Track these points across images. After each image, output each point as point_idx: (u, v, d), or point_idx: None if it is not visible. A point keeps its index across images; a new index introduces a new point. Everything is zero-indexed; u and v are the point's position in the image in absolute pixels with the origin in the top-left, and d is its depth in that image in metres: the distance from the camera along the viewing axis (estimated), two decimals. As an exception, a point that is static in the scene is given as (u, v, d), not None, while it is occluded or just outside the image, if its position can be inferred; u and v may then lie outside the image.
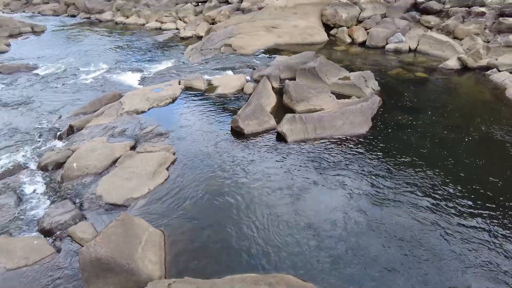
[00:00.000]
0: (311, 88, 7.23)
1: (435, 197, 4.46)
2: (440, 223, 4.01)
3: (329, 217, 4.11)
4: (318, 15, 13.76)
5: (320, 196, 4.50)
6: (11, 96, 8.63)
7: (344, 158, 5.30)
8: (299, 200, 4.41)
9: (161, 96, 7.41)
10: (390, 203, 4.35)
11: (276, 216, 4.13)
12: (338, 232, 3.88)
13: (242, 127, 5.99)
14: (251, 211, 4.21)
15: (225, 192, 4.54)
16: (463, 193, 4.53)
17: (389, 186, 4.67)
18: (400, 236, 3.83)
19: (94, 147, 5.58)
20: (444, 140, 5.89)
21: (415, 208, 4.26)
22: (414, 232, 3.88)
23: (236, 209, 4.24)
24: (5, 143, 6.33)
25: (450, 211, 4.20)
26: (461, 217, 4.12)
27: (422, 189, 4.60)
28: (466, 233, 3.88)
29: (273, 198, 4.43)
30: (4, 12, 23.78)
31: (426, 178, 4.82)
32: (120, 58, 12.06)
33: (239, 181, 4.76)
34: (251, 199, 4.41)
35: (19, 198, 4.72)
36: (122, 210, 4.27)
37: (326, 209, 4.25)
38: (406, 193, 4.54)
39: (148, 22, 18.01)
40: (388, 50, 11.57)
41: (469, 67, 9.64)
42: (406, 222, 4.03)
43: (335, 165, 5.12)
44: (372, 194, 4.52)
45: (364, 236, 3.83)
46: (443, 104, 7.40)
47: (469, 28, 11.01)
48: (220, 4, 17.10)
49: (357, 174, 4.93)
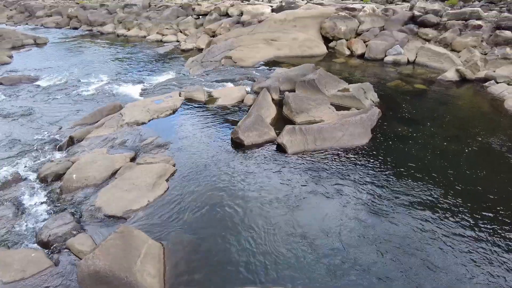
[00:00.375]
0: (311, 99, 7.27)
1: (435, 208, 4.43)
2: (440, 235, 3.98)
3: (328, 230, 4.08)
4: (317, 28, 13.94)
5: (320, 208, 4.48)
6: (12, 107, 8.67)
7: (345, 170, 5.29)
8: (299, 212, 4.39)
9: (161, 107, 7.45)
10: (390, 215, 4.32)
11: (275, 228, 4.10)
12: (337, 245, 3.85)
13: (242, 139, 6.00)
14: (251, 224, 4.18)
15: (225, 204, 4.52)
16: (462, 205, 4.51)
17: (390, 198, 4.65)
18: (400, 248, 3.80)
19: (94, 158, 5.57)
20: (443, 151, 5.90)
21: (415, 220, 4.23)
22: (415, 244, 3.84)
23: (236, 222, 4.21)
24: (5, 154, 6.33)
25: (449, 223, 4.17)
26: (461, 228, 4.09)
27: (422, 201, 4.58)
28: (465, 245, 3.84)
29: (273, 210, 4.41)
30: (7, 24, 24.07)
31: (426, 190, 4.81)
32: (121, 69, 12.17)
33: (239, 193, 4.74)
34: (251, 211, 4.38)
35: (17, 210, 4.69)
36: (121, 222, 4.24)
37: (326, 221, 4.22)
38: (406, 204, 4.52)
39: (149, 34, 18.23)
40: (387, 62, 11.68)
41: (467, 78, 9.72)
42: (407, 233, 4.00)
43: (336, 177, 5.11)
44: (372, 205, 4.49)
45: (363, 248, 3.80)
46: (442, 115, 7.44)
47: (467, 40, 11.14)
48: (220, 17, 17.34)
49: (358, 186, 4.91)
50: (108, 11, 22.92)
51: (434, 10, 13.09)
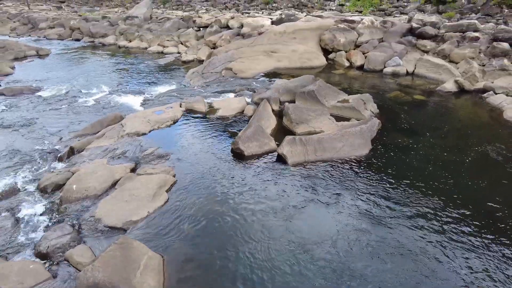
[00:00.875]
0: (311, 110, 7.31)
1: (435, 219, 4.41)
2: (440, 246, 3.95)
3: (329, 242, 4.05)
4: (316, 40, 14.10)
5: (321, 220, 4.45)
6: (13, 117, 8.70)
7: (346, 181, 5.28)
8: (300, 224, 4.36)
9: (162, 118, 7.48)
10: (391, 226, 4.30)
11: (275, 240, 4.07)
12: (338, 257, 3.82)
13: (242, 149, 6.01)
14: (251, 235, 4.15)
15: (225, 216, 4.49)
16: (463, 215, 4.49)
17: (391, 209, 4.63)
18: (402, 258, 3.77)
19: (94, 169, 5.57)
20: (444, 161, 5.90)
21: (416, 230, 4.21)
22: (415, 255, 3.81)
23: (236, 233, 4.19)
24: (5, 164, 6.32)
25: (450, 233, 4.15)
26: (461, 239, 4.07)
27: (423, 212, 4.56)
28: (466, 255, 3.82)
29: (273, 222, 4.38)
30: (10, 36, 24.32)
31: (427, 201, 4.79)
32: (122, 80, 12.26)
33: (239, 204, 4.73)
34: (251, 223, 4.36)
35: (16, 221, 4.66)
36: (121, 233, 4.21)
37: (327, 234, 4.20)
38: (407, 215, 4.49)
39: (151, 46, 18.42)
40: (386, 73, 11.78)
41: (466, 89, 9.80)
42: (408, 244, 3.98)
43: (337, 188, 5.09)
44: (373, 217, 4.47)
45: (363, 259, 3.76)
46: (441, 126, 7.46)
47: (464, 52, 11.27)
48: (221, 30, 17.55)
49: (360, 197, 4.90)
50: (110, 23, 23.20)
51: (432, 22, 13.27)
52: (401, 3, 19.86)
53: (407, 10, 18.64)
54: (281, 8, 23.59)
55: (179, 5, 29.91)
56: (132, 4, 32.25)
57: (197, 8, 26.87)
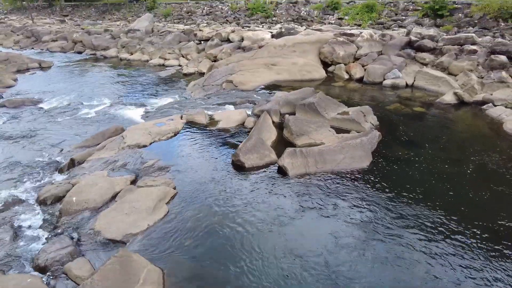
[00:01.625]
0: (311, 122, 7.34)
1: (436, 232, 4.38)
2: (440, 258, 3.91)
3: (331, 256, 4.01)
4: (316, 53, 14.26)
5: (323, 233, 4.42)
6: (14, 129, 8.73)
7: (347, 193, 5.26)
8: (301, 237, 4.33)
9: (163, 130, 7.50)
10: (392, 239, 4.26)
11: (276, 253, 4.03)
12: (339, 270, 3.77)
13: (243, 161, 6.00)
14: (252, 249, 4.11)
15: (225, 229, 4.46)
16: (463, 227, 4.46)
17: (392, 222, 4.60)
18: (402, 270, 3.72)
19: (94, 181, 5.55)
20: (444, 173, 5.89)
21: (416, 243, 4.17)
22: (414, 268, 3.77)
23: (236, 246, 4.15)
24: (5, 176, 6.31)
25: (450, 245, 4.11)
26: (462, 252, 4.02)
27: (424, 225, 4.53)
28: (467, 269, 3.77)
29: (274, 235, 4.35)
30: (14, 49, 24.60)
31: (428, 213, 4.76)
32: (124, 93, 12.34)
33: (240, 217, 4.70)
34: (252, 236, 4.32)
35: (15, 233, 4.63)
36: (120, 246, 4.18)
37: (329, 248, 4.16)
38: (408, 228, 4.46)
39: (152, 58, 18.60)
40: (386, 85, 11.87)
41: (466, 101, 9.85)
42: (408, 257, 3.94)
43: (338, 200, 5.07)
44: (375, 229, 4.44)
45: (364, 272, 3.72)
46: (442, 138, 7.48)
47: (463, 64, 11.37)
48: (221, 43, 17.75)
49: (361, 209, 4.87)
50: (112, 36, 23.50)
51: (430, 35, 13.44)
52: (399, 16, 20.15)
53: (405, 23, 18.91)
54: (281, 22, 23.93)
55: (181, 18, 30.34)
56: (134, 18, 32.72)
57: (198, 22, 27.25)
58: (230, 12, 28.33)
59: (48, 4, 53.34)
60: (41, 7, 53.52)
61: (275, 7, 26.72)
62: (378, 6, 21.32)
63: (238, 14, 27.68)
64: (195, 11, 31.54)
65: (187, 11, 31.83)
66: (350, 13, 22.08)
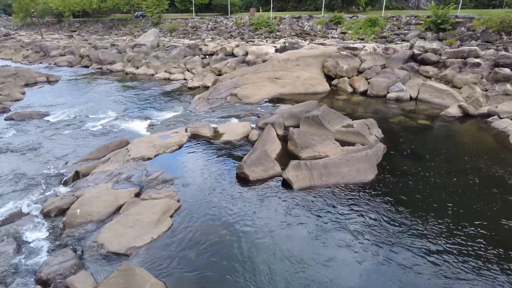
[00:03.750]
0: (315, 135, 7.33)
1: (442, 245, 4.30)
2: (446, 272, 3.82)
3: (336, 271, 3.94)
4: (319, 67, 14.37)
5: (329, 249, 4.35)
6: (20, 142, 8.81)
7: (353, 207, 5.20)
8: (306, 252, 4.27)
9: (167, 143, 7.53)
10: (399, 255, 4.19)
11: (282, 268, 3.97)
12: (345, 285, 3.70)
13: (247, 174, 5.98)
14: (255, 263, 4.05)
15: (229, 243, 4.41)
16: (469, 241, 4.37)
17: (400, 237, 4.53)
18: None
19: (98, 193, 5.55)
20: (450, 186, 5.81)
21: (422, 257, 4.09)
22: (422, 282, 3.68)
23: (240, 261, 4.09)
24: (10, 188, 6.34)
25: (457, 259, 4.02)
26: (469, 265, 3.93)
27: (430, 238, 4.44)
28: (475, 279, 3.67)
29: (279, 249, 4.29)
30: (22, 63, 25.12)
31: (434, 227, 4.69)
32: (129, 106, 12.46)
33: (245, 230, 4.65)
34: (257, 250, 4.27)
35: (18, 246, 4.61)
36: (124, 259, 4.14)
37: (334, 262, 4.09)
38: (414, 242, 4.38)
39: (157, 72, 18.86)
40: (390, 99, 11.88)
41: (470, 114, 9.82)
42: (413, 271, 3.85)
43: (344, 214, 5.01)
44: (381, 245, 4.36)
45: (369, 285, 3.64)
46: (447, 150, 7.42)
47: (467, 77, 11.38)
48: (226, 57, 17.98)
49: (367, 223, 4.80)
50: (118, 50, 23.93)
51: (433, 49, 13.51)
52: (402, 30, 20.35)
53: (408, 37, 19.07)
54: (285, 36, 24.26)
55: (186, 33, 30.89)
56: (140, 33, 33.37)
57: (203, 37, 27.71)
58: (235, 27, 28.79)
59: (57, 20, 54.66)
60: (50, 23, 54.83)
61: (279, 22, 27.12)
62: (381, 20, 21.56)
63: (243, 29, 28.12)
64: (200, 26, 32.10)
65: (192, 26, 32.41)
66: (353, 27, 22.33)
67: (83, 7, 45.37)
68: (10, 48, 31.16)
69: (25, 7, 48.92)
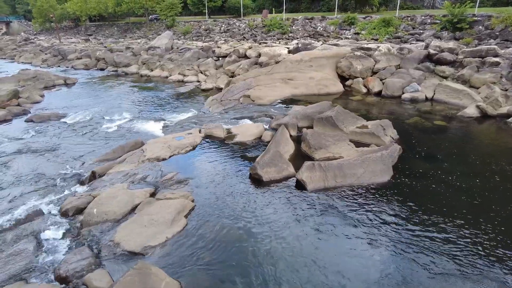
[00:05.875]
0: (329, 136, 7.28)
1: (461, 248, 4.19)
2: (462, 276, 3.72)
3: (350, 274, 3.89)
4: (333, 67, 14.28)
5: (344, 251, 4.31)
6: (40, 143, 9.04)
7: (368, 209, 5.13)
8: (321, 253, 4.23)
9: (182, 144, 7.60)
10: (417, 258, 4.10)
11: (295, 269, 3.94)
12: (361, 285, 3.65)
13: (260, 174, 5.98)
14: (270, 263, 4.04)
15: (243, 243, 4.42)
16: (490, 244, 4.24)
17: (416, 239, 4.44)
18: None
19: (114, 193, 5.64)
20: (468, 188, 5.67)
21: (441, 262, 3.99)
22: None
23: (254, 261, 4.09)
24: (30, 188, 6.51)
25: (478, 263, 3.91)
26: (489, 268, 3.82)
27: (449, 242, 4.34)
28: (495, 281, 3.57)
29: (293, 250, 4.27)
30: (41, 67, 25.85)
31: (453, 230, 4.58)
32: (144, 108, 12.65)
33: (258, 231, 4.65)
34: (270, 251, 4.26)
35: (38, 244, 4.73)
36: (139, 258, 4.19)
37: (348, 265, 4.04)
38: (431, 245, 4.29)
39: (171, 74, 19.08)
40: (404, 99, 11.70)
41: (489, 114, 9.57)
42: (434, 273, 3.77)
43: (359, 216, 4.95)
44: (398, 248, 4.29)
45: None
46: (465, 151, 7.25)
47: (485, 77, 11.11)
48: (239, 59, 18.05)
49: (384, 226, 4.73)
50: (133, 53, 24.34)
51: (450, 48, 13.25)
52: (417, 30, 20.01)
53: (423, 37, 18.75)
54: (298, 37, 24.19)
55: (199, 36, 31.18)
56: (154, 36, 33.87)
57: (216, 39, 27.91)
58: (247, 29, 28.89)
59: (74, 24, 56.03)
60: (68, 28, 56.25)
61: (292, 24, 27.07)
62: (395, 20, 21.26)
63: (255, 31, 28.19)
64: (213, 28, 32.34)
65: (205, 29, 32.68)
66: (367, 28, 22.10)
67: (99, 11, 46.39)
68: (30, 52, 32.10)
69: (44, 12, 50.46)
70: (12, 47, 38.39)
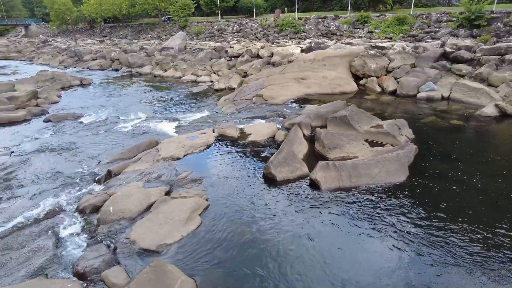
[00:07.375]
0: (343, 135, 7.21)
1: (478, 251, 4.09)
2: (482, 277, 3.63)
3: (364, 275, 3.84)
4: (346, 66, 14.14)
5: (357, 252, 4.26)
6: (57, 142, 9.26)
7: (384, 209, 5.06)
8: (337, 254, 4.20)
9: (196, 143, 7.66)
10: (435, 260, 4.03)
11: (308, 268, 3.92)
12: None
13: (274, 174, 5.98)
14: (284, 262, 4.03)
15: (257, 242, 4.42)
16: (507, 247, 4.13)
17: (435, 242, 4.36)
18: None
19: (130, 192, 5.72)
20: (486, 190, 5.53)
21: (459, 264, 3.91)
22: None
23: (268, 260, 4.09)
24: (48, 186, 6.67)
25: (494, 265, 3.81)
26: (505, 271, 3.72)
27: (466, 244, 4.25)
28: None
29: (308, 250, 4.25)
30: (58, 68, 26.48)
31: (471, 232, 4.47)
32: (158, 108, 12.80)
33: (272, 230, 4.64)
34: (284, 250, 4.25)
35: (57, 240, 4.84)
36: (155, 256, 4.24)
37: (363, 266, 4.00)
38: (449, 248, 4.20)
39: (185, 75, 19.25)
40: (420, 98, 11.50)
41: (508, 113, 9.31)
42: (448, 277, 3.69)
43: (375, 217, 4.89)
44: (415, 250, 4.22)
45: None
46: (483, 151, 7.07)
47: (505, 75, 10.82)
48: (251, 59, 18.08)
49: (399, 227, 4.66)
50: (147, 54, 24.67)
51: (467, 46, 12.96)
52: (432, 28, 19.63)
53: (439, 35, 18.38)
54: (310, 37, 24.07)
55: (212, 36, 31.37)
56: (167, 36, 34.24)
57: (228, 39, 28.03)
58: (260, 29, 28.90)
59: (89, 26, 57.17)
60: (84, 29, 57.42)
61: (304, 23, 26.95)
62: (410, 18, 20.92)
63: (268, 30, 28.17)
64: (226, 28, 32.48)
65: (218, 29, 32.85)
66: (380, 26, 21.82)
67: (114, 13, 47.18)
68: (48, 54, 32.91)
69: (61, 15, 51.71)
70: (31, 49, 39.47)
